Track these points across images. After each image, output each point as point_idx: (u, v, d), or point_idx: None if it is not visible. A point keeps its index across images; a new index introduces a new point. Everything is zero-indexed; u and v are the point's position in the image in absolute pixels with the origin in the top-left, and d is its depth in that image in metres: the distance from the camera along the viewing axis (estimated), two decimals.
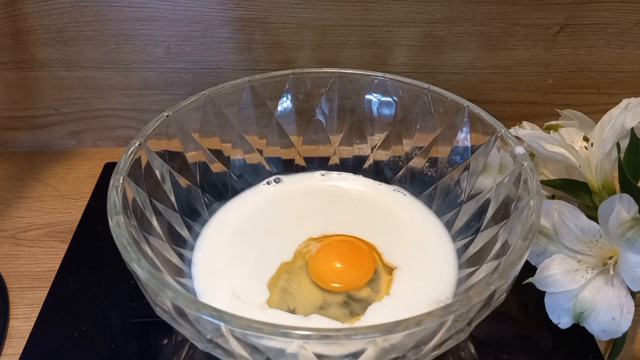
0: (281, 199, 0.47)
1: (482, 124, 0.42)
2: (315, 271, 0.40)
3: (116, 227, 0.32)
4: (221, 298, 0.38)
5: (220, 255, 0.42)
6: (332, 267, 0.40)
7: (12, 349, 0.40)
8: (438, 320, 0.28)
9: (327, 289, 0.39)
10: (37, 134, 0.61)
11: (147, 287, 0.30)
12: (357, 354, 0.29)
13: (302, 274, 0.40)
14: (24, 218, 0.52)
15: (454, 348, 0.32)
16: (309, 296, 0.39)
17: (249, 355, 0.29)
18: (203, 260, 0.41)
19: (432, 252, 0.42)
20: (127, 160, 0.37)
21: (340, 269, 0.40)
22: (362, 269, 0.40)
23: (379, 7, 0.54)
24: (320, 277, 0.39)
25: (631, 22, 0.56)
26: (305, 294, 0.39)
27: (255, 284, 0.39)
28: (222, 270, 0.40)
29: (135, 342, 0.40)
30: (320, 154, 0.50)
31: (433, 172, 0.47)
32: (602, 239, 0.38)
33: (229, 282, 0.39)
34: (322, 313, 0.37)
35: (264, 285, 0.39)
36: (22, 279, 0.46)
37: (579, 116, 0.47)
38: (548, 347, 0.41)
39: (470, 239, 0.41)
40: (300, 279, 0.40)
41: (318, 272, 0.40)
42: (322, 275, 0.39)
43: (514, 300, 0.43)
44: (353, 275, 0.40)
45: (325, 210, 0.46)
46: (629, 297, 0.37)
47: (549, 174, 0.47)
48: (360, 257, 0.41)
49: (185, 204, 0.43)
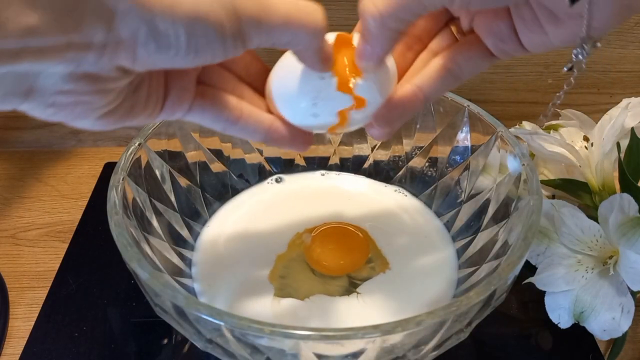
0: (282, 198, 0.47)
1: (482, 123, 0.42)
2: (313, 259, 0.40)
3: (116, 227, 0.32)
4: (224, 297, 0.38)
5: (220, 255, 0.42)
6: (329, 252, 0.41)
7: (12, 348, 0.40)
8: (438, 320, 0.28)
9: (327, 274, 0.40)
10: (37, 134, 0.61)
11: (147, 287, 0.30)
12: (357, 354, 0.29)
13: (299, 264, 0.41)
14: (24, 218, 0.52)
15: (454, 348, 0.32)
16: (309, 285, 0.39)
17: (249, 355, 0.29)
18: (204, 261, 0.41)
19: (433, 252, 0.42)
20: (127, 160, 0.37)
21: (338, 252, 0.41)
22: (358, 250, 0.41)
23: None
24: (320, 264, 0.40)
25: (631, 22, 0.56)
26: (305, 282, 0.39)
27: (258, 279, 0.39)
28: (223, 270, 0.40)
29: (135, 342, 0.40)
30: (320, 153, 0.50)
31: (433, 171, 0.47)
32: (602, 239, 0.38)
33: (230, 282, 0.39)
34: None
35: (265, 279, 0.39)
36: (22, 278, 0.46)
37: (579, 116, 0.47)
38: (548, 347, 0.41)
39: (470, 239, 0.41)
40: (297, 268, 0.40)
41: (316, 260, 0.40)
42: (320, 262, 0.40)
43: (514, 300, 0.43)
44: (351, 257, 0.41)
45: (325, 209, 0.46)
46: (629, 297, 0.37)
47: (549, 174, 0.47)
48: (354, 240, 0.42)
49: (185, 204, 0.43)
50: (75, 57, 0.21)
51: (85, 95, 0.23)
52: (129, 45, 0.22)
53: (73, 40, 0.21)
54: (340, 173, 0.50)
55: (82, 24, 0.20)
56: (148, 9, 0.21)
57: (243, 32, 0.24)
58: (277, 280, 0.39)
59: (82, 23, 0.20)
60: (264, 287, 0.39)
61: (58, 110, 0.24)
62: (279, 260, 0.41)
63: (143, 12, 0.21)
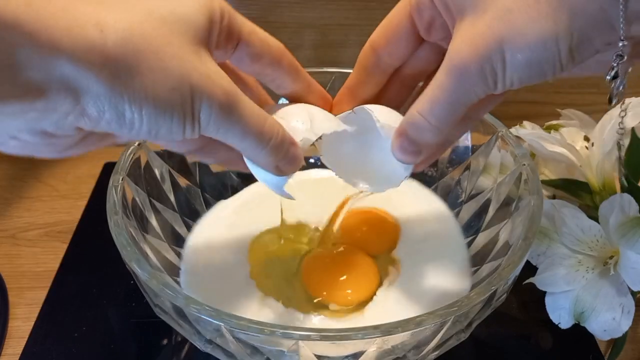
0: None
1: (483, 123, 0.42)
2: (311, 285, 0.38)
3: (116, 227, 0.32)
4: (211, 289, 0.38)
5: (210, 248, 0.41)
6: (328, 283, 0.38)
7: (12, 348, 0.40)
8: (438, 321, 0.28)
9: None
10: None
11: (147, 287, 0.30)
12: (357, 355, 0.29)
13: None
14: (24, 218, 0.52)
15: (455, 348, 0.32)
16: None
17: (249, 355, 0.29)
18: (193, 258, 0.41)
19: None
20: (126, 160, 0.37)
21: (338, 284, 0.38)
22: (363, 284, 0.38)
23: (379, 7, 0.54)
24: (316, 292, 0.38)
25: None
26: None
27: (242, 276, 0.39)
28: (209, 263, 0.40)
29: (135, 342, 0.40)
30: (320, 153, 0.50)
31: (433, 171, 0.47)
32: (602, 239, 0.38)
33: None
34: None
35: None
36: (22, 279, 0.46)
37: (580, 116, 0.47)
38: (548, 347, 0.41)
39: (471, 239, 0.41)
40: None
41: (314, 287, 0.38)
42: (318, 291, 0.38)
43: (514, 300, 0.43)
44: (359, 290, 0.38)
45: (324, 200, 0.46)
46: (629, 297, 0.37)
47: (549, 174, 0.47)
48: (361, 269, 0.39)
49: (185, 204, 0.43)
50: (37, 117, 0.21)
51: (40, 145, 0.24)
52: (93, 119, 0.22)
53: (36, 107, 0.21)
54: None
55: (49, 95, 0.21)
56: (118, 95, 0.22)
57: (203, 129, 0.25)
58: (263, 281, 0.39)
59: (48, 95, 0.21)
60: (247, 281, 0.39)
61: (16, 147, 0.24)
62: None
63: (113, 97, 0.22)
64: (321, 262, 0.40)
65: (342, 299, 0.37)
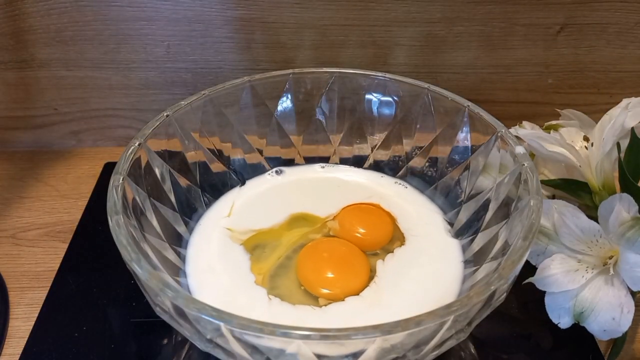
0: (280, 189, 0.48)
1: (483, 123, 0.42)
2: (306, 280, 0.39)
3: (116, 227, 0.32)
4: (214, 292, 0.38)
5: (211, 249, 0.42)
6: (324, 277, 0.38)
7: (12, 349, 0.40)
8: (438, 320, 0.28)
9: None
10: (37, 134, 0.61)
11: (147, 287, 0.30)
12: (357, 354, 0.29)
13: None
14: (24, 218, 0.52)
15: (454, 348, 0.32)
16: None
17: (249, 355, 0.29)
18: (195, 257, 0.41)
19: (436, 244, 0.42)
20: (127, 160, 0.37)
21: (333, 278, 0.39)
22: (357, 275, 0.39)
23: (379, 7, 0.54)
24: (313, 288, 0.38)
25: (631, 22, 0.56)
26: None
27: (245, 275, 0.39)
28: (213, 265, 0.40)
29: (135, 342, 0.40)
30: (320, 153, 0.50)
31: (433, 171, 0.47)
32: (602, 239, 0.38)
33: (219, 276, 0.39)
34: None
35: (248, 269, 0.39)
36: (22, 278, 0.46)
37: (579, 116, 0.47)
38: (548, 347, 0.41)
39: (471, 239, 0.41)
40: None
41: (309, 283, 0.38)
42: (314, 287, 0.38)
43: (514, 300, 0.43)
44: (348, 283, 0.38)
45: (324, 198, 0.46)
46: (629, 297, 0.37)
47: (549, 174, 0.47)
48: (355, 260, 0.40)
49: (185, 204, 0.43)
50: None
51: None
52: None
53: None
54: (339, 165, 0.50)
55: None
56: None
57: None
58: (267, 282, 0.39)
59: None
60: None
61: None
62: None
63: None
64: (313, 257, 0.40)
65: (331, 295, 0.38)
